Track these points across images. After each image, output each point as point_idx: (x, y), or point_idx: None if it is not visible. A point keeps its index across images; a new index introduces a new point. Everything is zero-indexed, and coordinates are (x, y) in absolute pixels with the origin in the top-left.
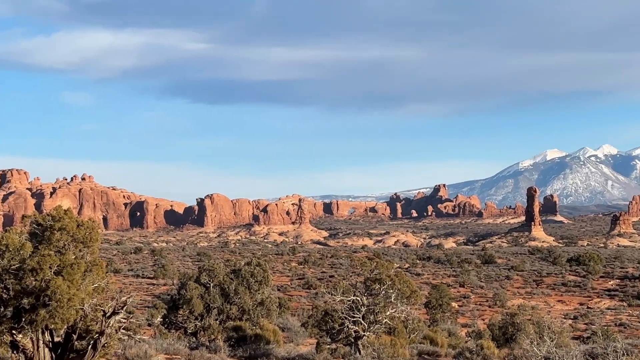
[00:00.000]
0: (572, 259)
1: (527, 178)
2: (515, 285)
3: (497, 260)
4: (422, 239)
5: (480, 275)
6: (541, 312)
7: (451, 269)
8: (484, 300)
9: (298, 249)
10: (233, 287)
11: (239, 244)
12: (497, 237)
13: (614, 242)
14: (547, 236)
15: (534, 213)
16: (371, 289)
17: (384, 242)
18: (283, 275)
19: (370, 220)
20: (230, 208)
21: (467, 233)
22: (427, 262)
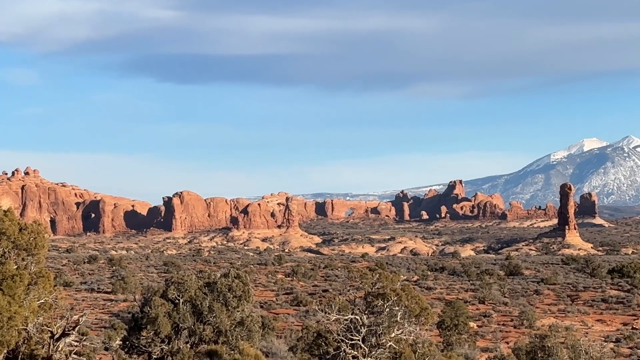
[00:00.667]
0: (615, 270)
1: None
2: (546, 301)
3: (524, 272)
4: (434, 245)
5: (504, 289)
6: (577, 333)
7: (469, 282)
8: (508, 319)
9: (285, 257)
10: (207, 303)
11: (214, 252)
12: (524, 244)
13: None
14: (584, 243)
15: (569, 215)
16: (373, 306)
17: (388, 249)
18: (267, 290)
19: (372, 223)
20: (204, 209)
21: (488, 239)
22: (441, 273)
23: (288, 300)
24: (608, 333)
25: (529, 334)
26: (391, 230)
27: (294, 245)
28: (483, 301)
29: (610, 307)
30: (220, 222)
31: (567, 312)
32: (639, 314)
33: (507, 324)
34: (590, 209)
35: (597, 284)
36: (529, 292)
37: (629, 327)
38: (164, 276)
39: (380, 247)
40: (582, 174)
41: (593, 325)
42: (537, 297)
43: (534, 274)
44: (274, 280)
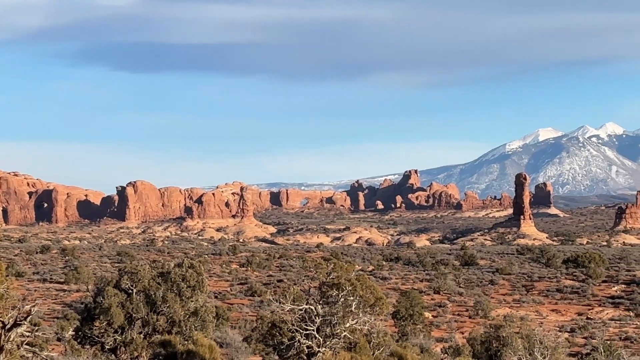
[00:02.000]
0: (569, 260)
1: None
2: (501, 291)
3: (480, 262)
4: (390, 235)
5: (459, 279)
6: (532, 323)
7: (424, 272)
8: (463, 309)
9: (240, 247)
10: (160, 293)
11: (168, 242)
12: (479, 234)
13: (618, 239)
14: (540, 233)
15: (524, 205)
16: (328, 296)
17: (343, 239)
18: (221, 280)
19: (327, 213)
20: (158, 198)
21: (443, 229)
22: (396, 263)
23: (242, 291)
24: (563, 323)
25: (484, 324)
26: (346, 220)
27: (248, 235)
28: (438, 291)
29: (565, 297)
30: (174, 212)
31: (522, 302)
32: (593, 304)
33: (462, 314)
34: (546, 199)
35: (552, 274)
36: (484, 282)
37: (584, 317)
38: (118, 266)
39: (335, 237)
40: (537, 164)
41: (548, 315)
42: (492, 287)
43: (489, 264)
44: (228, 270)
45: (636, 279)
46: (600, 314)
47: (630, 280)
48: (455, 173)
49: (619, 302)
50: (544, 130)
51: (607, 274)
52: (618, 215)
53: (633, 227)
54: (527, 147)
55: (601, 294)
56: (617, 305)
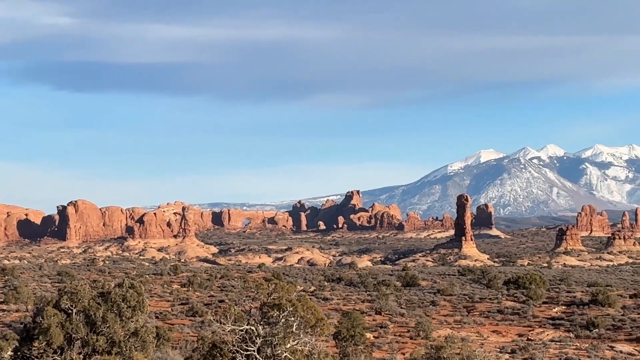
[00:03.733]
0: (510, 281)
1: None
2: (442, 312)
3: (421, 283)
4: (332, 256)
5: (401, 300)
6: (473, 344)
7: (366, 293)
8: (404, 330)
9: (181, 267)
10: (100, 313)
11: (109, 262)
12: (421, 255)
13: (559, 261)
14: (481, 254)
15: (465, 226)
16: (269, 317)
17: (285, 259)
18: (162, 300)
19: (269, 233)
20: (99, 218)
21: (385, 249)
22: (337, 284)
23: (183, 311)
24: (503, 344)
25: (425, 344)
26: (288, 241)
27: (190, 255)
28: (380, 312)
29: (506, 318)
30: (115, 232)
31: (463, 323)
32: (534, 325)
33: (403, 334)
34: (487, 220)
35: (493, 295)
36: (425, 303)
37: (524, 338)
38: (58, 286)
39: (277, 258)
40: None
41: (489, 336)
42: (434, 308)
43: (431, 284)
44: (169, 290)
45: (576, 300)
46: (540, 335)
47: (571, 301)
48: (397, 194)
49: (560, 324)
50: (485, 151)
51: (548, 295)
52: (559, 236)
53: (573, 249)
54: (469, 169)
55: (542, 315)
56: (558, 326)
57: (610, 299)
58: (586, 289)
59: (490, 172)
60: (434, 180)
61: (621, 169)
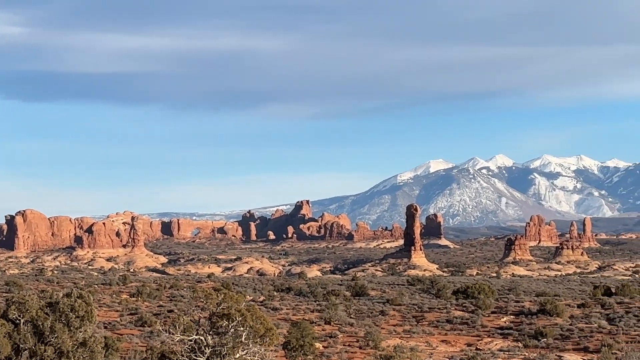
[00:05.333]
0: (459, 291)
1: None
2: (392, 322)
3: (371, 292)
4: (281, 266)
5: (350, 310)
6: (421, 354)
7: (315, 303)
8: (354, 340)
9: (130, 277)
10: (49, 324)
11: (58, 272)
12: (370, 264)
13: (508, 271)
14: (430, 264)
15: (415, 236)
16: (218, 327)
17: (234, 269)
18: (111, 310)
19: (219, 243)
20: (47, 227)
21: (334, 259)
22: (287, 294)
23: (132, 321)
24: (452, 354)
25: (374, 354)
26: (238, 251)
27: (139, 265)
28: (329, 322)
29: (455, 327)
30: (64, 241)
31: (412, 332)
32: (482, 335)
33: (352, 344)
34: (436, 230)
35: (442, 305)
36: (374, 312)
37: (473, 347)
38: (5, 296)
39: (226, 267)
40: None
41: (438, 346)
42: (383, 317)
43: (380, 294)
44: (118, 300)
45: (525, 310)
46: (489, 345)
47: (519, 311)
48: (347, 204)
49: (508, 333)
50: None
51: (496, 305)
52: (507, 246)
53: (522, 259)
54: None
55: (490, 324)
56: (506, 336)
57: (558, 309)
58: (534, 298)
59: (439, 182)
60: (384, 190)
61: (569, 179)
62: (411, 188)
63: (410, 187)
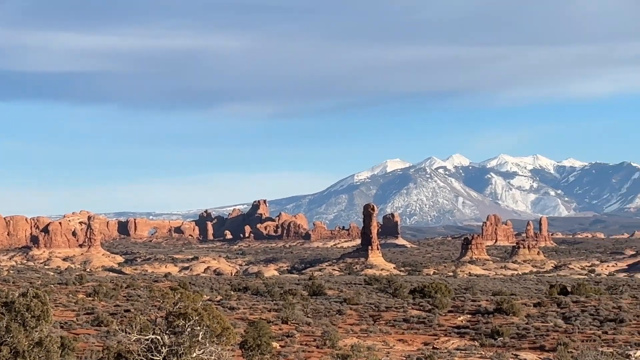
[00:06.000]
0: (416, 290)
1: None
2: (349, 321)
3: (328, 292)
4: (238, 265)
5: (307, 309)
6: (379, 353)
7: (272, 302)
8: (311, 339)
9: (86, 277)
10: (4, 323)
11: (14, 271)
12: (327, 264)
13: (464, 270)
14: (387, 263)
15: (372, 235)
16: (174, 326)
17: (191, 269)
18: (67, 310)
19: (176, 242)
20: (3, 227)
21: (292, 259)
22: (244, 293)
23: (89, 320)
24: (409, 353)
25: (331, 353)
26: (195, 250)
27: (95, 264)
28: (286, 321)
29: (412, 327)
30: (20, 241)
31: (369, 332)
32: (439, 334)
33: (309, 344)
34: (393, 230)
35: (399, 304)
36: (331, 312)
37: (430, 346)
38: None
39: (183, 267)
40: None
41: (395, 345)
42: (340, 317)
43: (337, 294)
44: (74, 300)
45: (481, 309)
46: (446, 344)
47: (476, 310)
48: (304, 203)
49: (465, 332)
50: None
51: (453, 304)
52: (464, 246)
53: (478, 258)
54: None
55: (447, 323)
56: (463, 335)
57: (514, 308)
58: (491, 297)
59: (396, 181)
60: (341, 189)
61: (525, 178)
62: (368, 187)
63: (367, 187)
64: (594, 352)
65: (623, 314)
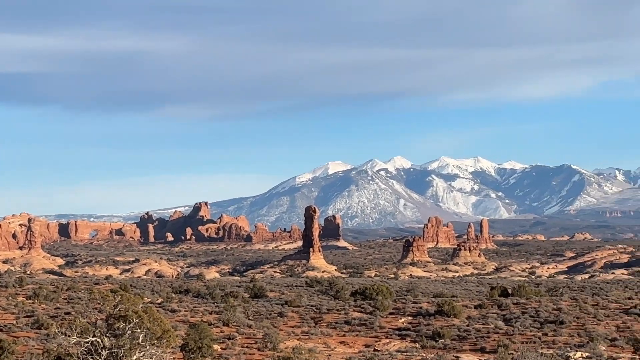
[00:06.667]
0: (357, 292)
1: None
2: (290, 323)
3: (269, 294)
4: (179, 267)
5: (249, 311)
6: (320, 355)
7: (214, 305)
8: (252, 341)
9: (27, 279)
10: None
11: None
12: (269, 266)
13: (406, 272)
14: (329, 265)
15: (313, 237)
16: (115, 329)
17: (133, 271)
18: (7, 313)
19: (117, 245)
20: None
21: (233, 261)
22: (185, 295)
23: (29, 323)
24: (350, 355)
25: (272, 356)
26: (136, 252)
27: (36, 267)
28: (227, 323)
29: (353, 329)
30: None
31: (311, 334)
32: (380, 336)
33: (251, 346)
34: (335, 232)
35: (340, 306)
36: (273, 314)
37: (371, 349)
38: None
39: (124, 269)
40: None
41: (336, 347)
42: (281, 319)
43: (279, 296)
44: (14, 302)
45: (422, 311)
46: (387, 346)
47: (417, 312)
48: (245, 205)
49: (406, 334)
50: (333, 163)
51: (395, 306)
52: (405, 248)
53: (420, 260)
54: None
55: (388, 325)
56: (404, 337)
57: (455, 310)
58: (432, 299)
59: (338, 183)
60: (282, 191)
61: (467, 180)
62: (310, 190)
63: (309, 189)
64: (534, 354)
65: (563, 316)
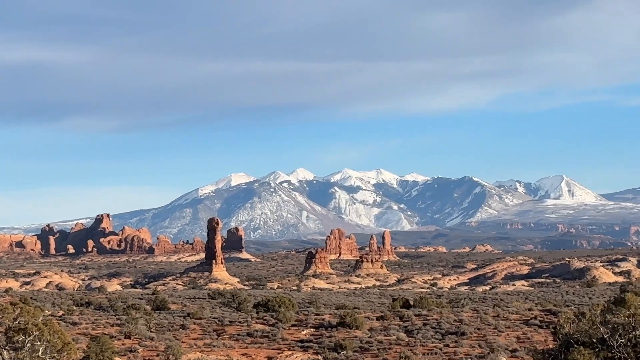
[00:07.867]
0: (260, 304)
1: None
2: (192, 335)
3: (171, 306)
4: (81, 280)
5: (151, 324)
6: None
7: (115, 317)
8: (154, 354)
9: None
10: None
11: None
12: (171, 278)
13: (308, 284)
14: (231, 277)
15: (216, 249)
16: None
17: (33, 284)
18: None
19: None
20: None
21: (135, 273)
22: (86, 308)
23: None
24: None
25: None
26: (37, 265)
27: None
28: (129, 336)
29: (256, 341)
30: None
31: (213, 346)
32: (283, 348)
33: (153, 358)
34: (237, 244)
35: (242, 318)
36: (175, 326)
37: None
38: None
39: (25, 282)
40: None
41: (238, 359)
42: (184, 331)
43: (181, 308)
44: None
45: (325, 323)
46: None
47: (319, 324)
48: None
49: (308, 346)
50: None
51: (297, 318)
52: (308, 259)
53: (322, 272)
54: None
55: (291, 337)
56: (307, 348)
57: (357, 321)
58: (334, 311)
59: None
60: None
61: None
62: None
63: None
64: None
65: (464, 327)
